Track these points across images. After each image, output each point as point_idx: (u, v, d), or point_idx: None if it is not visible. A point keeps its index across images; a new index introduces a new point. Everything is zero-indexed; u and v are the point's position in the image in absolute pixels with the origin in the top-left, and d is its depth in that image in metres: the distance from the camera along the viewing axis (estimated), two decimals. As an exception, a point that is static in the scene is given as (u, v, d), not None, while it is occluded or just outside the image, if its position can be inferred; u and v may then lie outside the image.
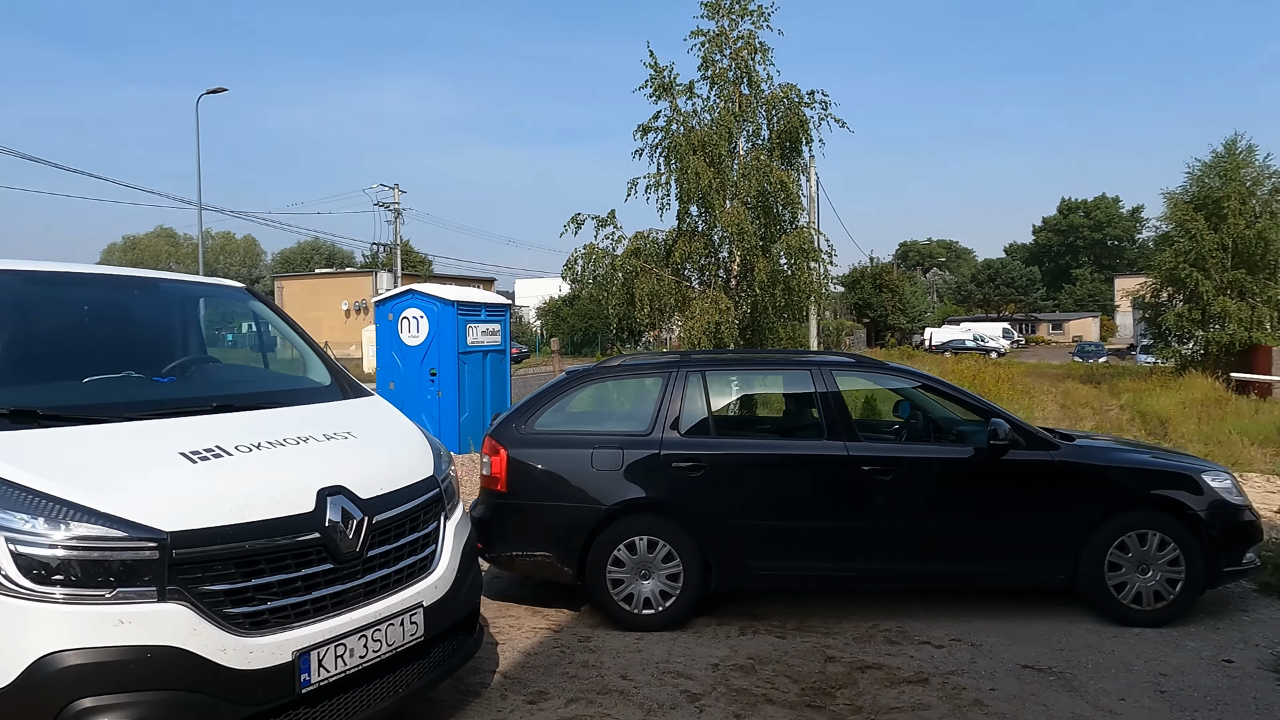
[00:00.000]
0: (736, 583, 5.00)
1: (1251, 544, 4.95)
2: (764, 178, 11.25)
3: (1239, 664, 4.31)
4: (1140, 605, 4.82)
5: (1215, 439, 14.12)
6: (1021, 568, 4.96)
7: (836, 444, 4.96)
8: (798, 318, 12.82)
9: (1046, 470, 4.92)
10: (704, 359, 5.44)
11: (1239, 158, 26.71)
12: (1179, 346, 27.55)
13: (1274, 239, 25.94)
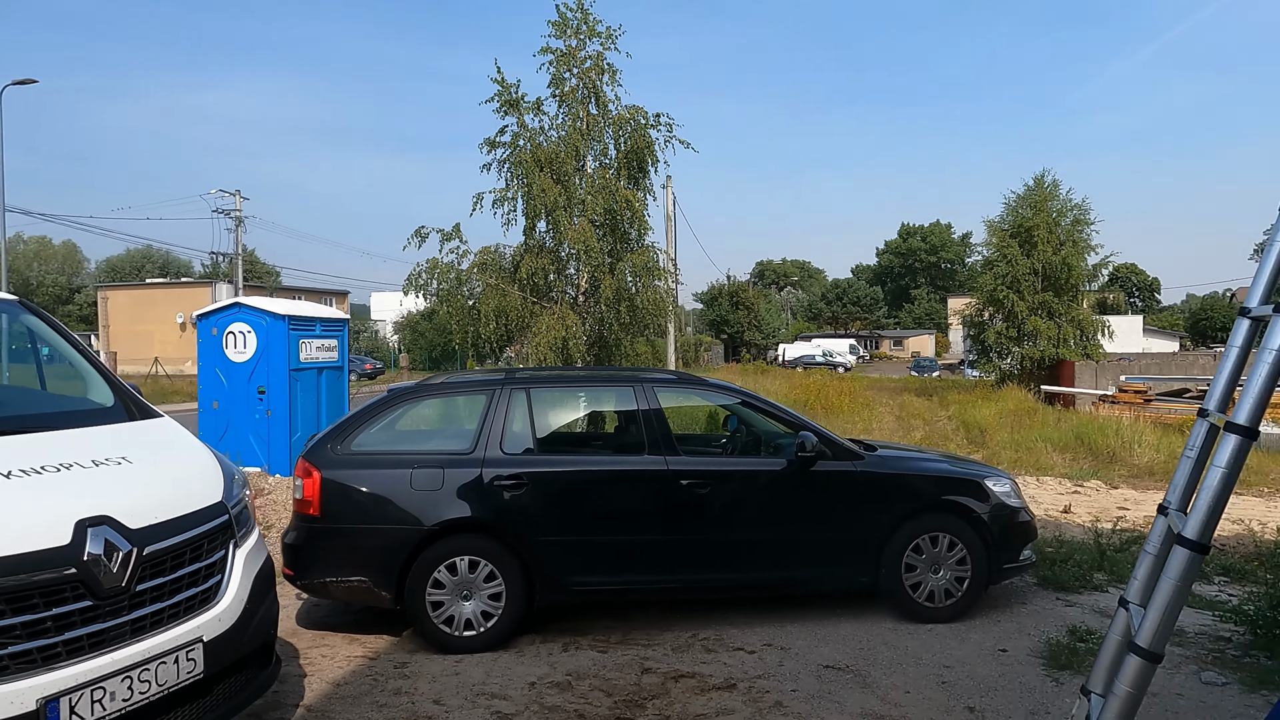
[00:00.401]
0: (560, 599, 5.02)
1: (1027, 542, 5.46)
2: (611, 197, 11.43)
3: (1012, 652, 4.73)
4: (933, 603, 5.20)
5: (1024, 445, 15.48)
6: (831, 572, 5.24)
7: (657, 459, 5.08)
8: (644, 335, 13.04)
9: (851, 479, 5.23)
10: (528, 377, 5.45)
11: (1046, 191, 29.55)
12: (999, 361, 30.07)
13: (1075, 265, 28.84)
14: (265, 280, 55.48)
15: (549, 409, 5.44)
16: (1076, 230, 29.28)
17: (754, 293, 61.98)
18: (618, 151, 12.13)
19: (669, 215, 31.23)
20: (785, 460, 5.22)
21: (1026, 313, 28.49)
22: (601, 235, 11.55)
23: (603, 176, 11.73)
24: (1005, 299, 28.73)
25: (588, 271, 11.62)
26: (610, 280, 11.40)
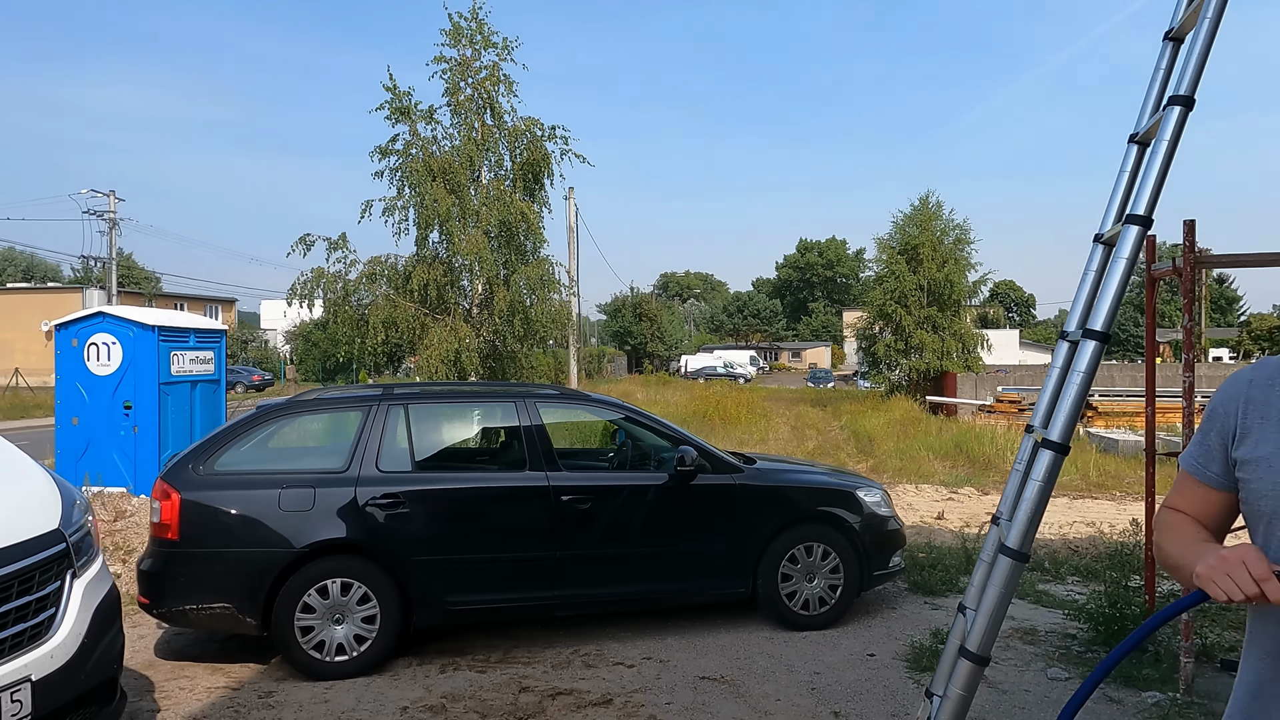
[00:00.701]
0: (438, 620, 4.92)
1: (897, 549, 5.70)
2: (506, 208, 11.35)
3: (879, 657, 4.93)
4: (808, 611, 5.36)
5: (909, 454, 16.16)
6: (711, 583, 5.33)
7: (538, 475, 5.06)
8: (542, 347, 12.99)
9: (730, 492, 5.34)
10: (406, 393, 5.34)
11: (931, 211, 31.08)
12: (888, 373, 31.37)
13: (957, 281, 30.40)
14: (144, 286, 52.36)
15: (428, 426, 5.34)
16: (958, 249, 30.91)
17: (657, 304, 62.62)
18: (513, 163, 12.07)
19: (571, 227, 31.22)
20: (666, 474, 5.28)
21: (913, 326, 29.85)
22: (496, 247, 11.45)
23: (498, 188, 11.65)
24: (894, 313, 30.04)
25: (482, 283, 11.49)
26: (505, 292, 11.31)
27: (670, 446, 5.49)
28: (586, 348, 43.53)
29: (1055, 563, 7.18)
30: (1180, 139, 2.28)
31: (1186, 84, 2.23)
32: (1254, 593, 1.22)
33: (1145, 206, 2.28)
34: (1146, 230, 2.30)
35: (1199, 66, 2.22)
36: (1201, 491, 1.53)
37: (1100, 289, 2.35)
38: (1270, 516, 1.38)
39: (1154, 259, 4.68)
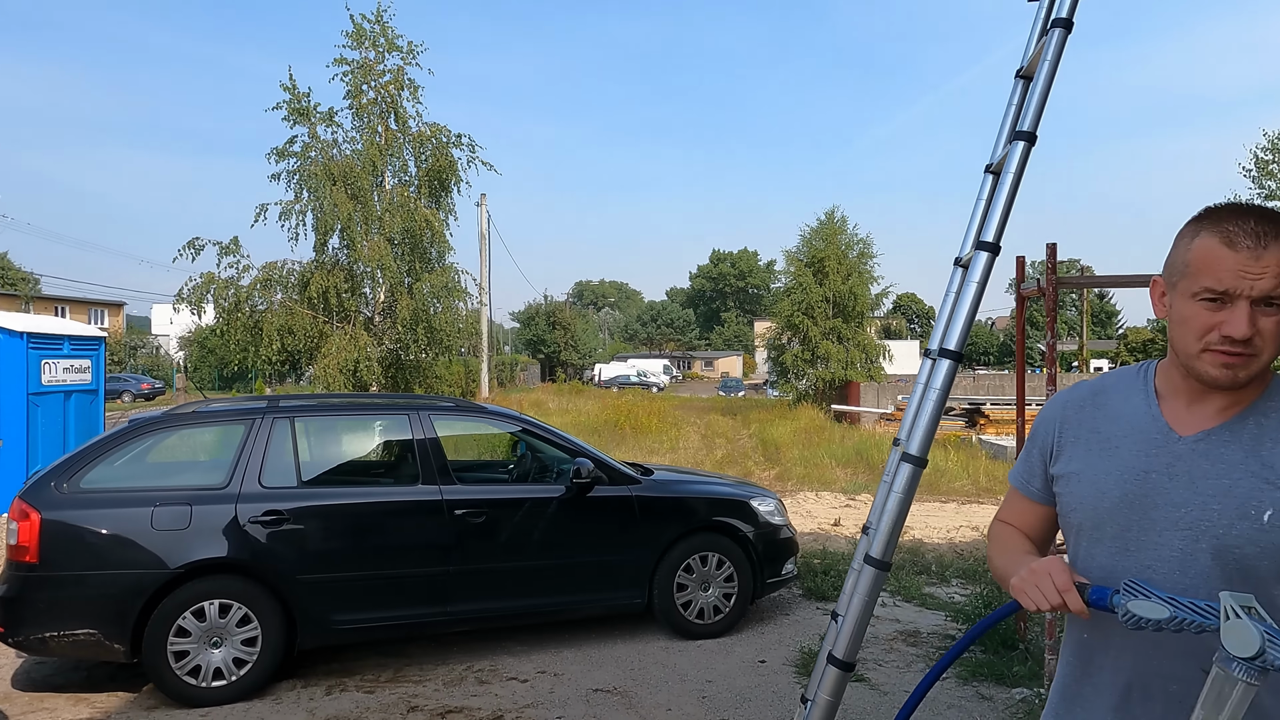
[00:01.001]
0: (326, 640, 4.76)
1: (790, 557, 5.85)
2: (410, 215, 11.14)
3: (770, 663, 5.04)
4: (703, 620, 5.44)
5: (813, 462, 16.60)
6: (608, 595, 5.34)
7: (431, 489, 4.98)
8: (447, 356, 12.79)
9: (627, 503, 5.38)
10: (293, 405, 5.17)
11: (836, 225, 32.09)
12: (796, 382, 32.15)
13: (861, 294, 31.48)
14: (20, 288, 48.98)
15: (316, 439, 5.18)
16: (862, 262, 32.00)
17: (571, 313, 62.49)
18: (419, 169, 11.87)
19: (483, 234, 30.85)
20: (563, 487, 5.28)
21: (819, 337, 30.72)
22: (399, 254, 11.22)
23: (402, 194, 11.42)
24: (801, 324, 30.86)
25: (384, 290, 11.23)
26: (408, 300, 11.09)
27: (568, 458, 5.48)
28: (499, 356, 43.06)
29: (941, 566, 7.51)
30: (1025, 170, 2.43)
31: (1029, 120, 2.39)
32: (1058, 603, 1.30)
33: (994, 233, 2.42)
34: (995, 255, 2.44)
35: (1040, 104, 2.38)
36: (1026, 505, 1.63)
37: (954, 311, 2.48)
38: (1079, 529, 1.48)
39: (1023, 279, 4.97)
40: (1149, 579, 1.35)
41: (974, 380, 32.11)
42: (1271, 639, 1.05)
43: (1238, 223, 1.25)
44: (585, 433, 19.82)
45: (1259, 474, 1.29)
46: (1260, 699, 1.27)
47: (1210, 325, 1.26)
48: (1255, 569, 1.27)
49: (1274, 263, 1.22)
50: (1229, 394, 1.33)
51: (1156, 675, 1.35)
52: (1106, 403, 1.49)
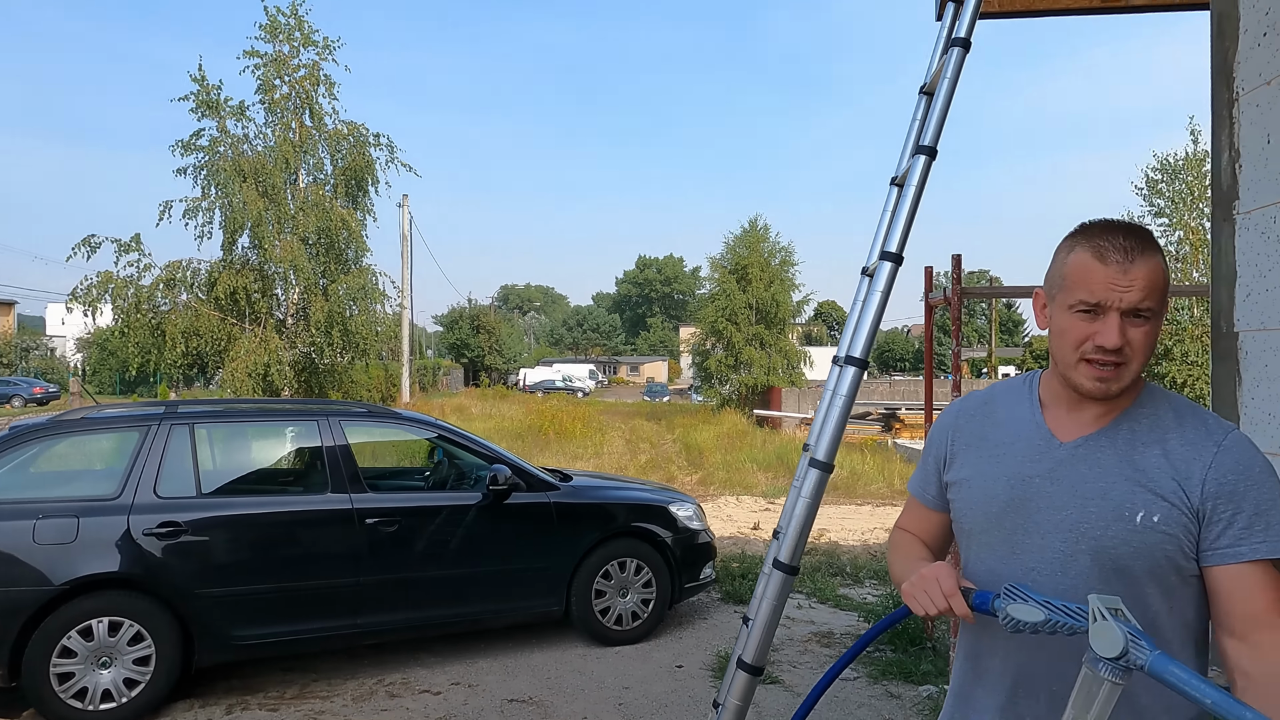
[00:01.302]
0: (227, 656, 4.56)
1: (708, 561, 5.89)
2: (326, 215, 10.80)
3: (687, 668, 5.06)
4: (621, 626, 5.42)
5: (735, 466, 16.81)
6: (525, 603, 5.27)
7: (341, 497, 4.82)
8: (364, 360, 12.45)
9: (545, 510, 5.32)
10: (193, 411, 4.94)
11: (759, 233, 32.66)
12: (720, 388, 32.54)
13: (783, 301, 32.11)
14: (-103, 285, 45.57)
15: (218, 447, 4.96)
16: (784, 270, 32.66)
17: (496, 317, 61.78)
18: (335, 168, 11.53)
19: (404, 235, 30.29)
20: (480, 494, 5.19)
21: (743, 343, 31.18)
22: (314, 254, 10.86)
23: (317, 193, 11.07)
24: (725, 330, 31.27)
25: (297, 292, 10.86)
26: (323, 302, 10.75)
27: (486, 465, 5.40)
28: (421, 361, 42.24)
29: (856, 567, 7.69)
30: (927, 184, 2.51)
31: (930, 135, 2.46)
32: (944, 607, 1.33)
33: (897, 244, 2.49)
34: (899, 265, 2.50)
35: (940, 120, 2.46)
36: (923, 512, 1.67)
37: (860, 319, 2.54)
38: (970, 533, 1.53)
39: (930, 289, 5.13)
40: (1034, 581, 1.39)
41: (890, 386, 33.11)
42: (1134, 640, 1.10)
43: (1108, 238, 1.30)
44: (508, 438, 19.61)
45: (1132, 477, 1.34)
46: (1137, 696, 1.33)
47: (1085, 336, 1.32)
48: (1129, 568, 1.33)
49: (1141, 276, 1.28)
50: (1105, 401, 1.39)
51: (1040, 676, 1.40)
52: (995, 411, 1.54)
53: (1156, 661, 1.09)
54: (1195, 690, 1.06)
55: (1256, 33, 3.63)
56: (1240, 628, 1.25)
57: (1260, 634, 1.23)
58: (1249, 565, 1.26)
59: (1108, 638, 1.11)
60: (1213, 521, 1.28)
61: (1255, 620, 1.24)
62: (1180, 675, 1.07)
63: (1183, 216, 17.68)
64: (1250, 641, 1.24)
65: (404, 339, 28.23)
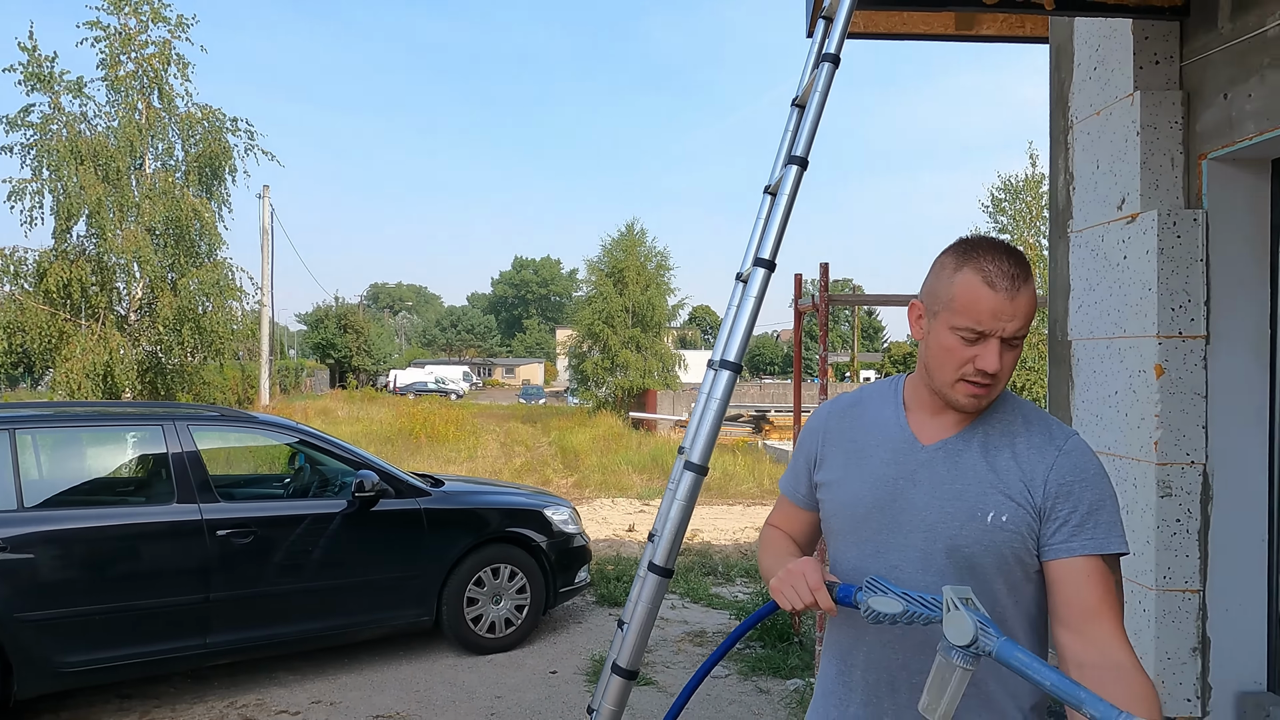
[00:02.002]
0: (51, 685, 4.14)
1: (583, 564, 5.86)
2: (175, 203, 10.04)
3: (561, 673, 5.02)
4: (494, 634, 5.32)
5: (610, 469, 16.88)
6: (393, 614, 5.07)
7: (188, 507, 4.48)
8: (219, 360, 11.67)
9: (415, 517, 5.15)
10: (15, 415, 4.47)
11: (636, 237, 33.00)
12: (596, 390, 32.64)
13: (659, 304, 32.58)
14: None
15: (46, 455, 4.51)
16: (660, 274, 33.15)
17: (365, 316, 59.50)
18: (187, 154, 10.74)
19: (265, 229, 28.76)
20: (345, 501, 4.96)
21: (619, 346, 31.42)
22: (161, 246, 10.08)
23: (166, 180, 10.28)
24: (601, 333, 31.42)
25: (142, 286, 10.04)
26: (172, 298, 9.98)
27: (351, 471, 5.16)
28: (283, 361, 40.14)
29: (728, 566, 7.87)
30: (798, 193, 2.58)
31: (802, 146, 2.54)
32: (810, 601, 1.36)
33: (770, 250, 2.54)
34: (771, 271, 2.56)
35: (811, 131, 2.54)
36: (794, 511, 1.71)
37: (734, 323, 2.58)
38: (838, 532, 1.57)
39: (799, 295, 5.32)
40: (896, 577, 1.45)
41: (761, 389, 34.18)
42: (983, 628, 1.16)
43: (995, 263, 1.35)
44: (377, 442, 18.91)
45: (985, 479, 1.42)
46: (985, 682, 1.40)
47: (967, 359, 1.37)
48: (980, 565, 1.40)
49: (1023, 305, 1.35)
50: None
51: (902, 668, 1.45)
52: (863, 414, 1.59)
53: (1003, 648, 1.15)
54: (1036, 674, 1.12)
55: (1089, 66, 3.98)
56: (1073, 620, 1.34)
57: (1090, 626, 1.32)
58: (1081, 560, 1.35)
59: (959, 626, 1.16)
60: (1052, 519, 1.37)
61: (1086, 612, 1.33)
62: (1024, 660, 1.14)
63: (1023, 234, 19.18)
64: (1082, 633, 1.33)
65: (263, 338, 26.74)
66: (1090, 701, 1.07)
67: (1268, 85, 3.13)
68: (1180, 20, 3.54)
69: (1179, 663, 3.46)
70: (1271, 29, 3.10)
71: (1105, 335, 3.79)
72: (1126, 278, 3.63)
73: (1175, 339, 3.43)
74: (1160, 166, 3.53)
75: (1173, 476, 3.44)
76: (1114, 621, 1.33)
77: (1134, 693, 1.24)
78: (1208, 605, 3.49)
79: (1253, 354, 3.51)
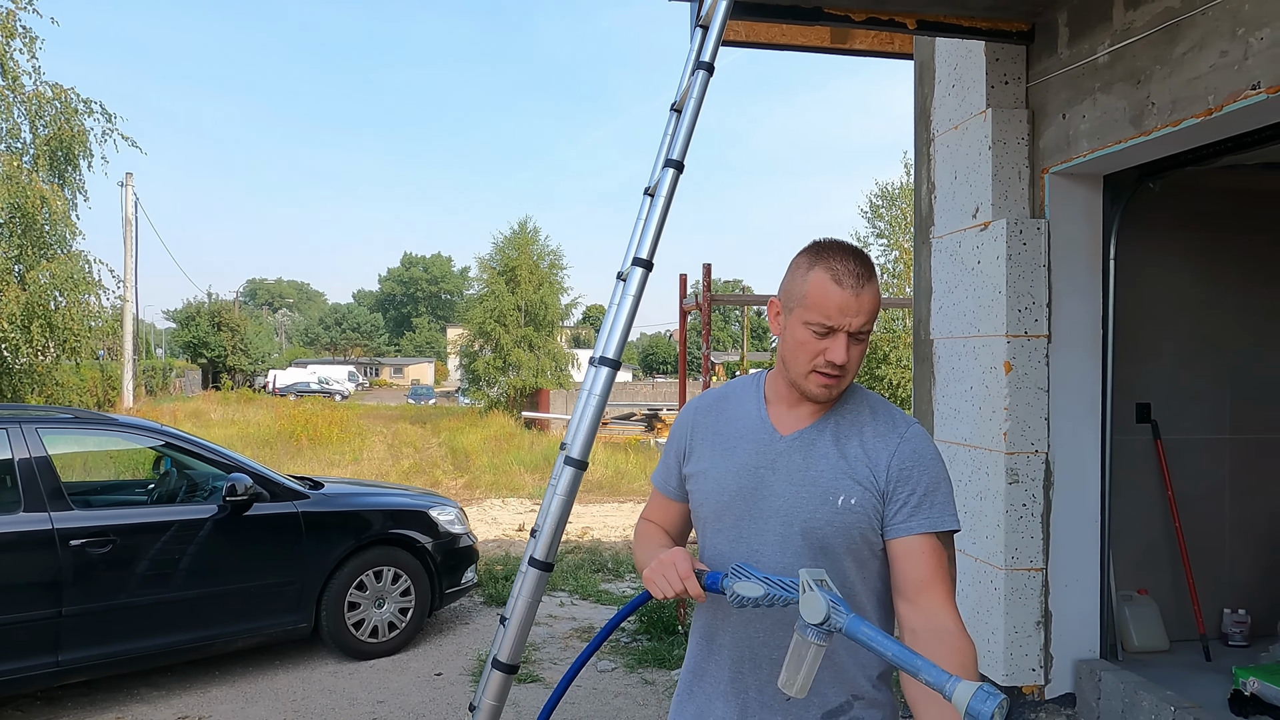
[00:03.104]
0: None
1: (469, 565, 5.80)
2: (21, 189, 9.27)
3: (447, 675, 4.96)
4: (377, 638, 5.19)
5: (502, 469, 16.70)
6: (268, 622, 4.87)
7: (37, 516, 4.17)
8: (74, 360, 10.85)
9: (293, 520, 4.96)
10: None
11: (529, 235, 32.76)
12: (487, 390, 32.19)
13: (552, 303, 32.44)
14: None
15: None
16: (553, 273, 33.03)
17: (242, 314, 56.52)
18: (35, 136, 9.93)
19: (129, 219, 27.02)
20: (215, 505, 4.73)
21: (511, 345, 31.10)
22: (6, 235, 9.29)
23: (11, 164, 9.47)
24: (493, 332, 31.01)
25: (-16, 278, 9.22)
26: (18, 292, 9.21)
27: (223, 474, 4.93)
28: (149, 361, 37.74)
29: (617, 563, 7.94)
30: (675, 195, 2.67)
31: (678, 149, 2.62)
32: (680, 589, 1.43)
33: (648, 250, 2.62)
34: (649, 271, 2.64)
35: (687, 136, 2.62)
36: (665, 503, 1.77)
37: (613, 321, 2.64)
38: (706, 520, 1.64)
39: (684, 295, 5.44)
40: (757, 560, 1.54)
41: (653, 388, 34.58)
42: (835, 606, 1.25)
43: (843, 263, 1.47)
44: (254, 445, 18.04)
45: (837, 465, 1.52)
46: (837, 654, 1.51)
47: (818, 351, 1.48)
48: (832, 545, 1.51)
49: (867, 302, 1.47)
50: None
51: (763, 646, 1.54)
52: (727, 408, 1.68)
53: (851, 624, 1.24)
54: (881, 646, 1.23)
55: (948, 83, 4.26)
56: (909, 591, 1.47)
57: (922, 596, 1.45)
58: (918, 537, 1.48)
59: (814, 606, 1.25)
60: (893, 501, 1.50)
61: (920, 584, 1.46)
62: (869, 634, 1.24)
63: (899, 239, 20.18)
64: (917, 603, 1.46)
65: (126, 335, 25.03)
66: (925, 668, 1.18)
67: (1099, 108, 3.45)
68: (1026, 45, 3.84)
69: (1025, 636, 3.77)
70: (1102, 56, 3.42)
71: (962, 334, 4.07)
72: (980, 281, 3.91)
73: (1022, 338, 3.72)
74: (1009, 179, 3.82)
75: (1019, 465, 3.74)
76: (944, 591, 1.46)
77: (954, 648, 1.38)
78: (1050, 582, 3.81)
79: (1088, 352, 3.86)
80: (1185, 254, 4.32)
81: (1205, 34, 2.93)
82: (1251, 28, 2.75)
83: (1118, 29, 3.31)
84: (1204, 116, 2.93)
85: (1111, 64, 3.34)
